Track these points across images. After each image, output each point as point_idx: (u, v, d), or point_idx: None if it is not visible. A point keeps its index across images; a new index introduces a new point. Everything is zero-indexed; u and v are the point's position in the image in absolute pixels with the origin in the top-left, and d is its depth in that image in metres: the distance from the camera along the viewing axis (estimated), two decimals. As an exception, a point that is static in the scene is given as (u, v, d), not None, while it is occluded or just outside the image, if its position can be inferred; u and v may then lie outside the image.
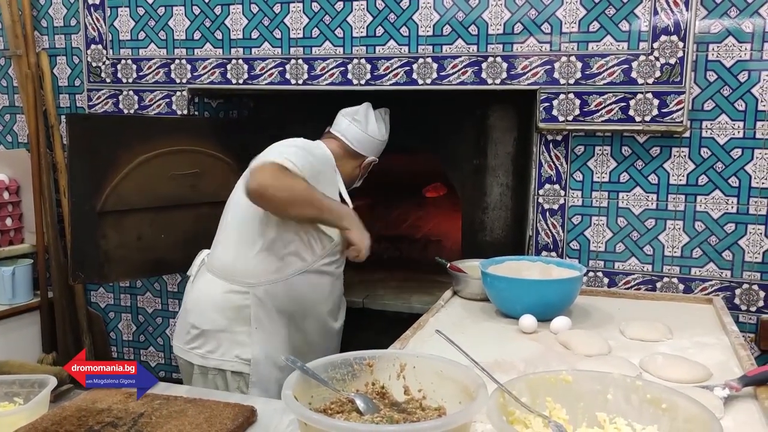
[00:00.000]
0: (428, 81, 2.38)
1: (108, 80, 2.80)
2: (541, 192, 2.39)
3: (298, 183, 1.87)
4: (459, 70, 2.35)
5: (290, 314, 2.05)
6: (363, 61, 2.45)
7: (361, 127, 2.16)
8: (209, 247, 2.16)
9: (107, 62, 2.79)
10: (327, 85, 2.50)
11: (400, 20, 2.39)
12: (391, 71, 2.42)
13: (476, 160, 2.75)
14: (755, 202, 2.19)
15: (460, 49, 2.34)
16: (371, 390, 1.16)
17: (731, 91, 2.17)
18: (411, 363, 1.18)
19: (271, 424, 1.22)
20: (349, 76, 2.46)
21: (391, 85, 2.42)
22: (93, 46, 2.80)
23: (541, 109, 2.29)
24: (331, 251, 2.06)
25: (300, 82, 2.53)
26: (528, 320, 1.73)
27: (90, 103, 2.84)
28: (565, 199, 2.37)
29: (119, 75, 2.78)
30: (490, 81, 2.33)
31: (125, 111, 2.80)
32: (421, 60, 2.39)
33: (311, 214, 1.94)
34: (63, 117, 2.94)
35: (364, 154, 2.17)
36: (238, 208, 2.06)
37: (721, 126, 2.19)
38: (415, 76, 2.39)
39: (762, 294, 2.22)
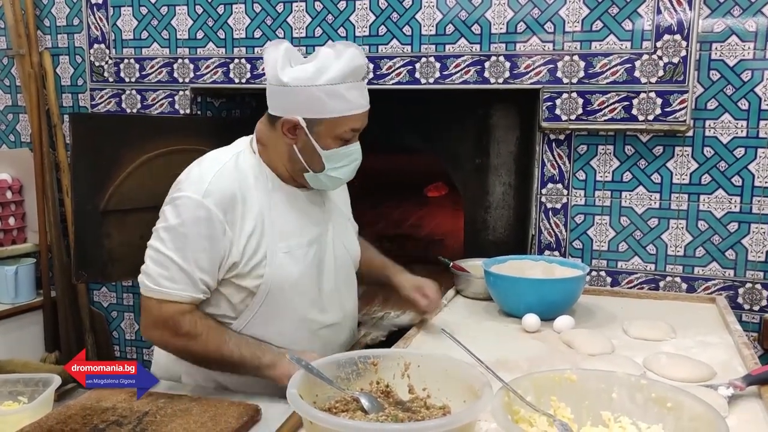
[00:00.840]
0: (431, 80, 2.38)
1: (111, 79, 2.80)
2: (543, 191, 2.39)
3: (190, 343, 1.41)
4: (462, 70, 2.35)
5: (233, 389, 1.52)
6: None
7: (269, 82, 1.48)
8: None
9: (110, 61, 2.79)
10: (330, 84, 2.50)
11: (402, 19, 2.39)
12: (394, 70, 2.42)
13: (478, 159, 2.75)
14: (758, 201, 2.19)
15: (463, 49, 2.34)
16: (376, 389, 1.16)
17: (734, 90, 2.16)
18: (415, 362, 1.18)
19: (275, 422, 1.22)
20: (352, 75, 2.46)
21: (393, 84, 2.42)
22: (96, 46, 2.80)
23: (544, 108, 2.28)
24: (257, 308, 1.48)
25: (303, 81, 2.53)
26: (531, 319, 1.73)
27: (93, 103, 2.85)
28: (567, 199, 2.37)
29: (122, 74, 2.78)
30: (492, 80, 2.33)
31: (128, 110, 2.80)
32: (423, 59, 2.38)
33: (226, 370, 1.47)
34: (66, 116, 2.94)
35: (277, 114, 1.47)
36: None
37: (724, 125, 2.19)
38: (417, 75, 2.39)
39: (765, 293, 2.22)
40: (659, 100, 2.18)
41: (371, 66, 2.44)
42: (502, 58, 2.31)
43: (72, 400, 1.26)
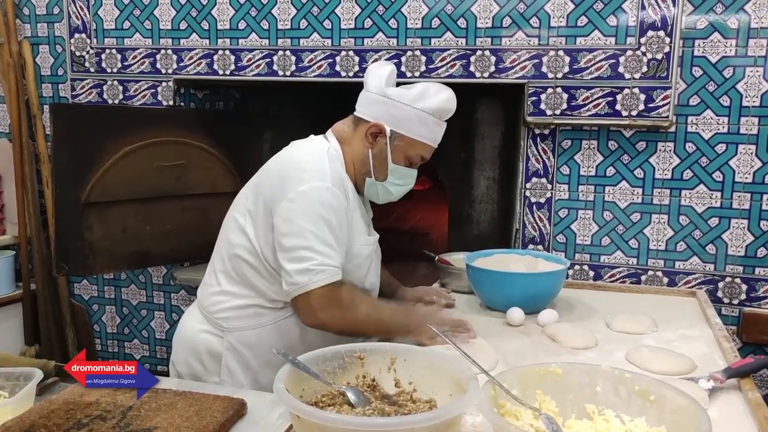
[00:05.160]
0: (417, 74, 2.38)
1: (92, 70, 2.76)
2: (528, 185, 2.40)
3: (353, 313, 1.51)
4: (447, 63, 2.35)
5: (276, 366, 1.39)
6: (351, 53, 2.44)
7: (365, 87, 1.67)
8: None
9: (91, 51, 2.75)
10: (315, 77, 2.49)
11: (388, 12, 2.38)
12: (380, 63, 2.41)
13: (463, 154, 2.76)
14: (738, 196, 2.22)
15: (449, 42, 2.34)
16: (362, 383, 1.16)
17: (716, 86, 2.19)
18: (401, 356, 1.18)
19: (261, 416, 1.22)
20: (337, 68, 2.45)
21: (379, 77, 2.41)
22: (77, 35, 2.76)
23: (528, 102, 2.29)
24: None
25: (288, 73, 2.52)
26: (515, 313, 1.74)
27: (73, 93, 2.80)
28: (551, 193, 2.38)
29: (103, 65, 2.75)
30: (478, 74, 2.33)
31: (110, 101, 2.76)
32: (409, 53, 2.38)
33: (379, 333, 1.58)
34: (45, 106, 2.90)
35: (366, 118, 1.62)
36: (226, 236, 1.65)
37: (706, 121, 2.22)
38: (403, 68, 2.39)
39: (744, 287, 2.25)
40: (642, 96, 2.20)
41: (357, 59, 2.43)
42: (487, 53, 2.31)
43: (54, 395, 1.25)
